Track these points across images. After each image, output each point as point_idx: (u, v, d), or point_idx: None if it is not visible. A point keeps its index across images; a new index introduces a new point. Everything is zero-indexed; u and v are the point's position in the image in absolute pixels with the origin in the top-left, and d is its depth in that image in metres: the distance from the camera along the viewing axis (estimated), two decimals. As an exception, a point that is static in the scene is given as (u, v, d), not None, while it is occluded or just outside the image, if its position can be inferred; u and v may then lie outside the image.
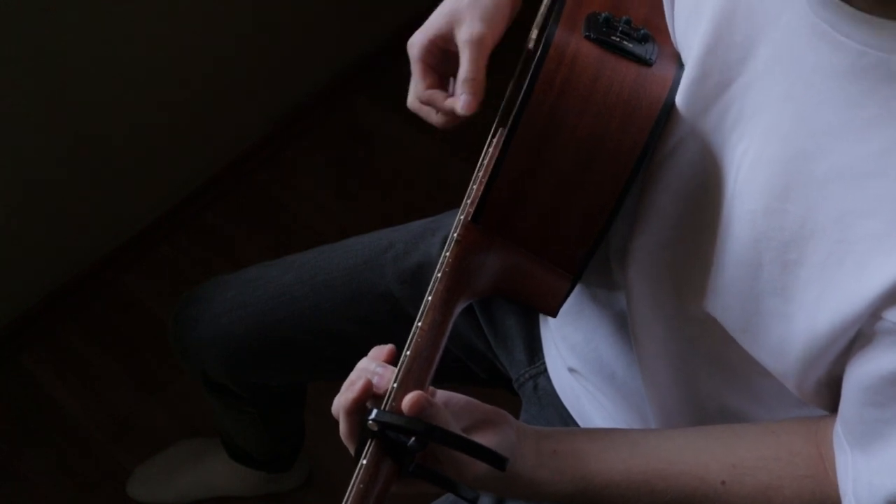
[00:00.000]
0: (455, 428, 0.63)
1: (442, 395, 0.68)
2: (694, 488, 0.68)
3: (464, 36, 0.75)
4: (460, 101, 0.74)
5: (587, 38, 0.64)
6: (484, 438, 0.64)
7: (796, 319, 0.59)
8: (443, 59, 0.79)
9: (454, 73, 0.81)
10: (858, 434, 0.61)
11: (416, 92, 0.79)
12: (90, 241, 1.66)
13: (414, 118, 0.83)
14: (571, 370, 0.87)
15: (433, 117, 0.79)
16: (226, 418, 1.26)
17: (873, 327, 0.55)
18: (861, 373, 0.58)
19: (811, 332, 0.58)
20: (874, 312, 0.54)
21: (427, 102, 0.78)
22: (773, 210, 0.59)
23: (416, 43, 0.78)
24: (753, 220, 0.60)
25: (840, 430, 0.63)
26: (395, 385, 0.63)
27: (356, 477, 0.59)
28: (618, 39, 0.65)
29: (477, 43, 0.74)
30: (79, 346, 1.65)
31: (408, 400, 0.61)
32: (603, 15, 0.66)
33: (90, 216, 1.63)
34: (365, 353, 0.69)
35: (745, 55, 0.60)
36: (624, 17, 0.66)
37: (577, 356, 0.86)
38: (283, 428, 1.30)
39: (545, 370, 0.92)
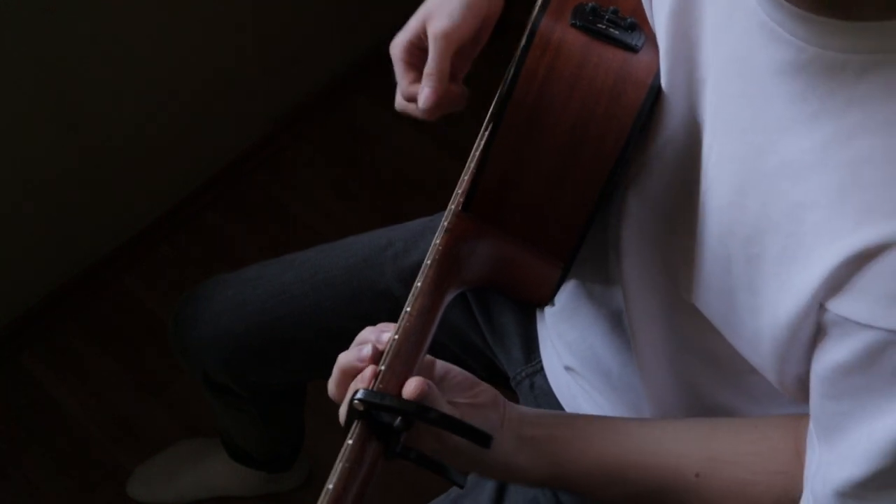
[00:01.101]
0: (442, 404, 0.64)
1: (441, 367, 0.69)
2: (667, 479, 0.69)
3: (431, 30, 0.78)
4: (422, 94, 0.77)
5: (573, 25, 0.65)
6: (464, 414, 0.66)
7: (763, 313, 0.60)
8: (422, 56, 0.81)
9: None
10: (823, 428, 0.61)
11: (401, 89, 0.82)
12: (90, 241, 1.67)
13: (413, 118, 0.84)
14: (568, 368, 0.87)
15: (417, 112, 0.81)
16: (226, 418, 1.26)
17: (823, 319, 0.56)
18: (818, 366, 0.58)
19: (775, 326, 0.59)
20: (820, 303, 0.55)
21: (409, 98, 0.81)
22: (735, 205, 0.60)
23: (396, 44, 0.82)
24: (721, 216, 0.61)
25: (812, 425, 0.64)
26: (383, 367, 0.63)
27: (341, 457, 0.59)
28: (604, 27, 0.65)
29: (441, 37, 0.77)
30: (79, 346, 1.65)
31: (412, 387, 0.61)
32: (590, 5, 0.66)
33: (90, 216, 1.63)
34: None
35: (714, 53, 0.61)
36: (611, 7, 0.66)
37: (572, 354, 0.86)
38: (283, 428, 1.30)
39: (542, 369, 0.93)
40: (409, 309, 0.66)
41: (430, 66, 0.77)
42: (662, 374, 0.76)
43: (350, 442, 0.60)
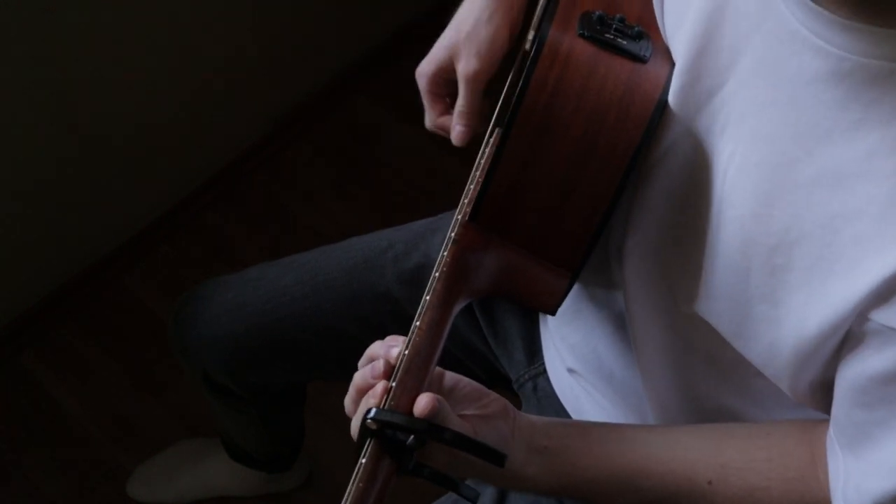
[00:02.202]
0: (453, 419, 0.64)
1: (451, 378, 0.68)
2: (679, 487, 0.68)
3: (461, 71, 0.80)
4: (455, 131, 0.82)
5: (581, 36, 0.64)
6: (475, 427, 0.66)
7: (785, 325, 0.59)
8: (448, 87, 0.84)
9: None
10: (849, 436, 0.61)
11: (430, 119, 0.85)
12: (90, 241, 1.67)
13: (413, 118, 0.84)
14: (571, 371, 0.87)
15: (447, 135, 0.85)
16: (226, 418, 1.26)
17: (862, 328, 0.55)
18: (850, 374, 0.58)
19: (800, 337, 0.58)
20: (861, 313, 0.55)
21: (440, 129, 0.84)
22: (759, 215, 0.59)
23: (423, 74, 0.83)
24: (741, 226, 0.60)
25: (832, 433, 0.63)
26: (394, 384, 0.63)
27: (355, 476, 0.60)
28: (612, 37, 0.64)
29: (472, 79, 0.79)
30: (79, 346, 1.65)
31: (423, 404, 0.61)
32: (597, 13, 0.65)
33: (90, 216, 1.63)
34: None
35: (732, 60, 0.60)
36: (618, 16, 0.66)
37: (575, 356, 0.86)
38: (282, 428, 1.30)
39: (544, 371, 0.92)
40: (418, 323, 0.66)
41: (463, 105, 0.80)
42: (664, 377, 0.76)
43: (363, 461, 0.60)
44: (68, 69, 1.45)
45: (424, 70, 0.83)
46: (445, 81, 0.83)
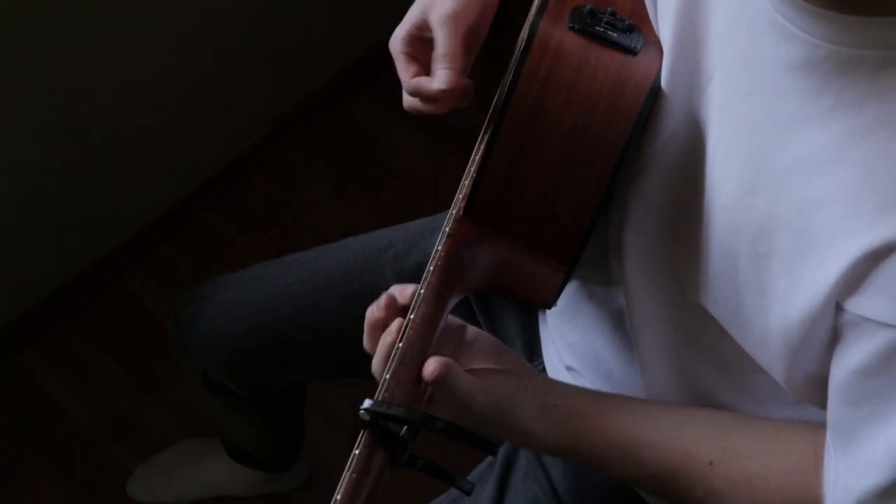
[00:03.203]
0: (462, 380, 0.65)
1: (472, 332, 0.70)
2: (680, 463, 0.69)
3: (436, 17, 0.75)
4: (437, 76, 0.73)
5: (571, 28, 0.65)
6: (486, 381, 0.67)
7: (772, 313, 0.59)
8: (425, 50, 0.78)
9: None
10: (841, 437, 0.61)
11: (404, 84, 0.78)
12: (90, 241, 1.67)
13: (413, 118, 0.83)
14: (569, 369, 0.87)
15: (426, 107, 0.77)
16: (226, 418, 1.26)
17: (842, 321, 0.56)
18: (837, 372, 0.58)
19: (785, 326, 0.59)
20: (837, 303, 0.55)
21: (415, 92, 0.77)
22: (743, 204, 0.60)
23: (396, 38, 0.78)
24: (728, 214, 0.61)
25: (828, 435, 0.64)
26: (388, 376, 0.63)
27: (348, 467, 0.60)
28: (602, 30, 0.65)
29: (448, 19, 0.74)
30: (79, 346, 1.65)
31: (431, 368, 0.63)
32: (588, 7, 0.66)
33: (90, 216, 1.63)
34: (365, 354, 0.70)
35: (720, 52, 0.61)
36: (609, 9, 0.66)
37: (574, 354, 0.86)
38: (282, 428, 1.30)
39: (544, 369, 0.93)
40: (412, 316, 0.66)
41: (441, 47, 0.74)
42: (665, 374, 0.76)
43: (357, 452, 0.60)
44: (68, 69, 1.45)
45: (396, 34, 0.78)
46: (420, 41, 0.78)
